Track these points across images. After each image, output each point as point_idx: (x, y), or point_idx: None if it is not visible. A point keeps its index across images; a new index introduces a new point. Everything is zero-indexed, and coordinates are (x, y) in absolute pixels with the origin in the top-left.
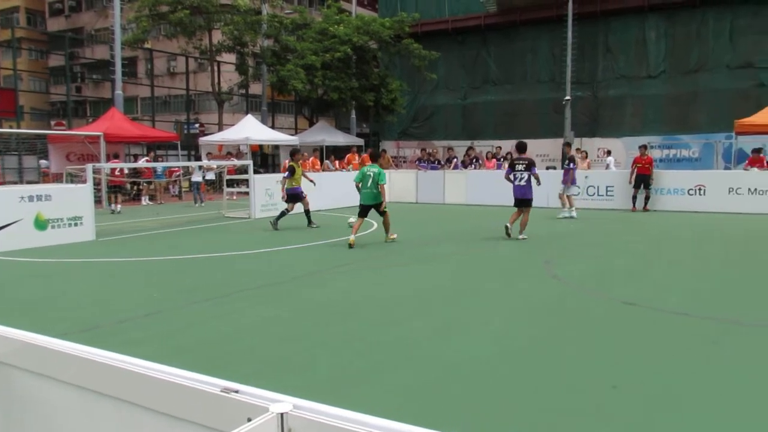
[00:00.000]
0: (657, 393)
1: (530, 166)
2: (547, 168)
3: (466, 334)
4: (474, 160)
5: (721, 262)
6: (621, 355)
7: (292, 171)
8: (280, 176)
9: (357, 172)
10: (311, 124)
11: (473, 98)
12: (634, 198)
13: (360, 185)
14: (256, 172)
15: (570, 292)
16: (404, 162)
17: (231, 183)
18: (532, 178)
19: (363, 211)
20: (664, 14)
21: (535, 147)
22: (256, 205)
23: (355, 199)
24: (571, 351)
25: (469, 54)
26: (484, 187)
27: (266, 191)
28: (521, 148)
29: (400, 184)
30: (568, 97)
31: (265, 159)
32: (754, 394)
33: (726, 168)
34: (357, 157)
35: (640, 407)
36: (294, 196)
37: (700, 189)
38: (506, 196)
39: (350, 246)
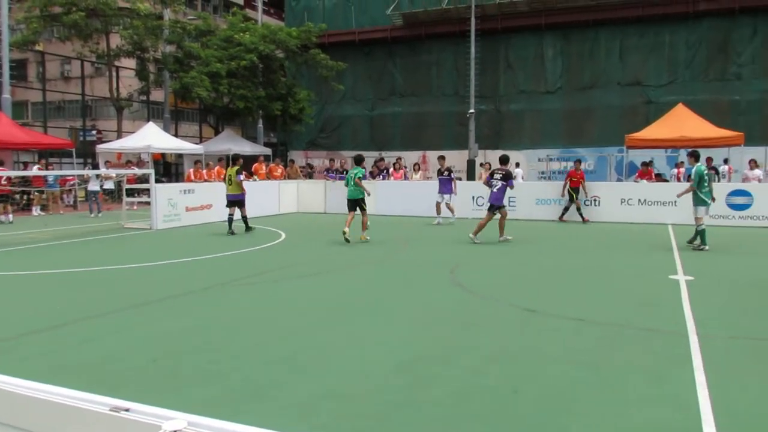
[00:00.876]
0: (556, 395)
1: (507, 177)
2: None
3: (365, 347)
4: (384, 171)
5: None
6: (522, 359)
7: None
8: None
9: (270, 181)
10: (217, 132)
11: (380, 109)
12: (565, 210)
13: (346, 185)
14: (158, 181)
15: (472, 300)
16: (312, 172)
17: (131, 192)
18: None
19: (350, 206)
20: (560, 33)
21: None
22: (158, 216)
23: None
24: (471, 358)
25: (375, 66)
26: (394, 197)
27: (169, 201)
28: (503, 160)
29: (309, 195)
30: (471, 111)
31: (168, 168)
32: (639, 390)
33: (618, 180)
34: (264, 167)
35: (541, 410)
36: (235, 201)
37: (595, 200)
38: (417, 207)
39: (344, 234)
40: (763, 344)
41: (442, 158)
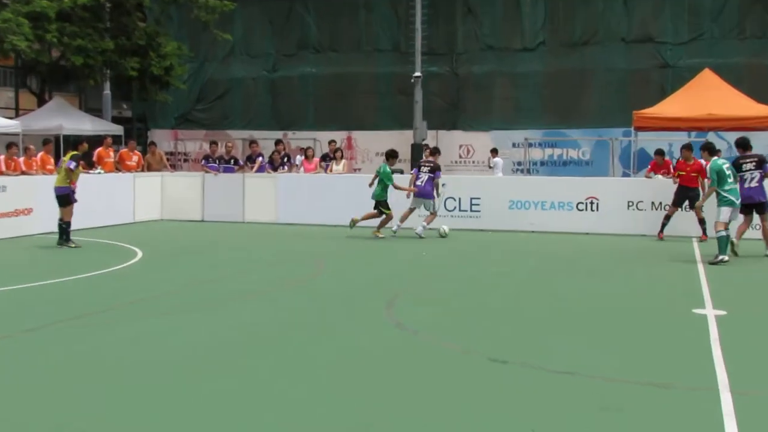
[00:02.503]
0: None
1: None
2: (393, 172)
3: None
4: (286, 159)
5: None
6: None
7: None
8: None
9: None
10: (41, 102)
11: (286, 70)
12: (666, 219)
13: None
14: None
15: (419, 347)
16: (185, 161)
17: None
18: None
19: (374, 207)
20: None
21: (373, 142)
22: None
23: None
24: None
25: (278, 8)
26: (304, 198)
27: None
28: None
29: (179, 194)
30: (418, 74)
31: None
32: None
33: (624, 174)
34: (112, 154)
35: None
36: (61, 197)
37: (592, 203)
38: (340, 212)
39: (352, 223)
40: None
41: (426, 147)
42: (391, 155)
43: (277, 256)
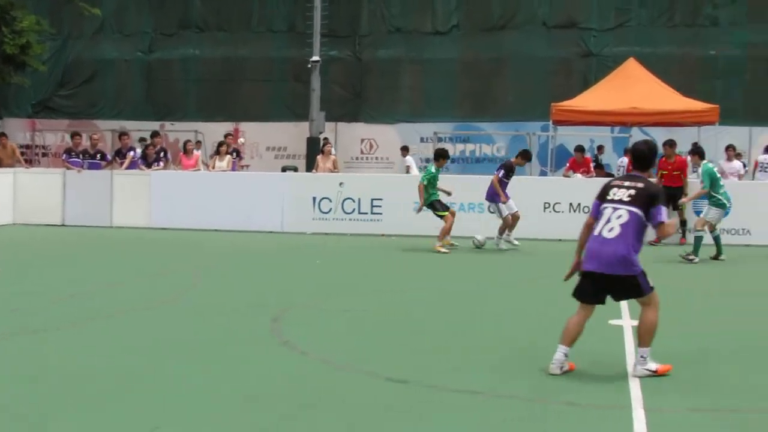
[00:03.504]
0: None
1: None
2: (285, 169)
3: None
4: (161, 154)
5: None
6: None
7: None
8: None
9: None
10: None
11: (164, 52)
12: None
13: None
14: None
15: (311, 369)
16: (44, 156)
17: None
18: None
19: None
20: None
21: (265, 134)
22: None
23: None
24: None
25: None
26: (183, 199)
27: None
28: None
29: (36, 194)
30: (316, 58)
31: None
32: None
33: (542, 173)
34: None
35: None
36: None
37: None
38: (223, 216)
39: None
40: (739, 418)
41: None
42: (441, 155)
43: (149, 267)
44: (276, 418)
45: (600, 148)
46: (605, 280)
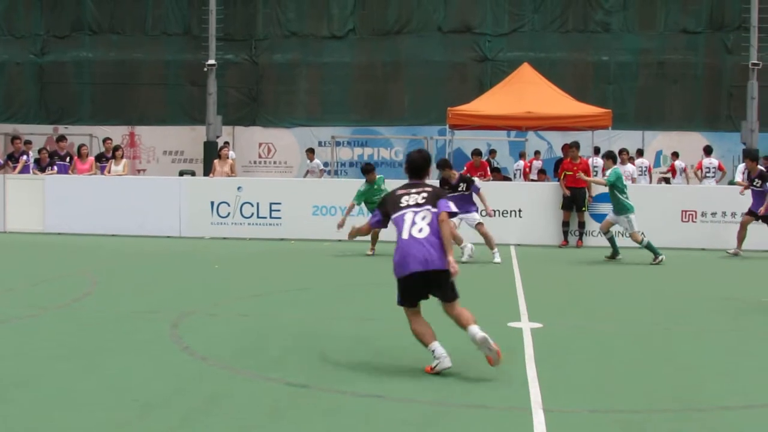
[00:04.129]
0: None
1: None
2: (182, 173)
3: None
4: (66, 159)
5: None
6: None
7: None
8: None
9: None
10: None
11: (57, 54)
12: (565, 225)
13: None
14: None
15: (211, 374)
16: None
17: None
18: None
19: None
20: None
21: (161, 138)
22: None
23: None
24: None
25: None
26: (79, 204)
27: None
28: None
29: None
30: (212, 62)
31: None
32: None
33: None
34: None
35: None
36: None
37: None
38: (119, 220)
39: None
40: (636, 418)
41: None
42: (366, 170)
43: (42, 272)
44: (177, 423)
45: (492, 152)
46: (425, 277)
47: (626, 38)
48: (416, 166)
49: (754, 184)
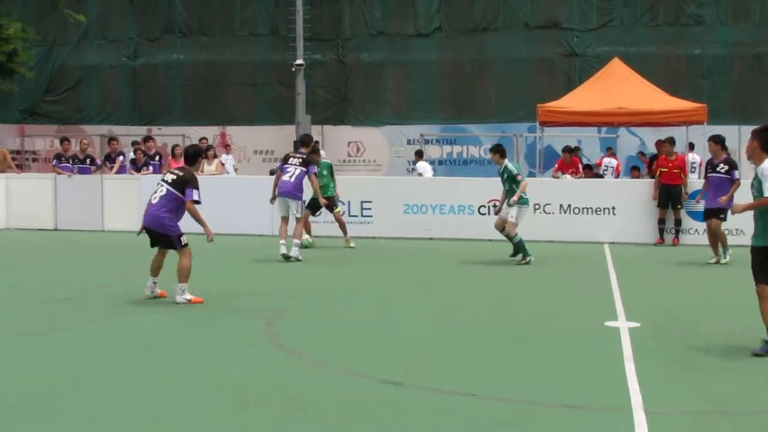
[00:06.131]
0: None
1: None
2: (272, 172)
3: None
4: (156, 158)
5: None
6: None
7: None
8: None
9: None
10: None
11: (149, 57)
12: (661, 222)
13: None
14: None
15: (307, 371)
16: (33, 161)
17: None
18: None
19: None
20: None
21: (251, 138)
22: None
23: None
24: None
25: None
26: None
27: None
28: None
29: (28, 199)
30: (299, 62)
31: None
32: None
33: (530, 174)
34: None
35: None
36: None
37: (494, 206)
38: (212, 219)
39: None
40: (745, 421)
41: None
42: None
43: (138, 270)
44: (274, 418)
45: (576, 149)
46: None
47: (720, 31)
48: (185, 155)
49: (718, 169)
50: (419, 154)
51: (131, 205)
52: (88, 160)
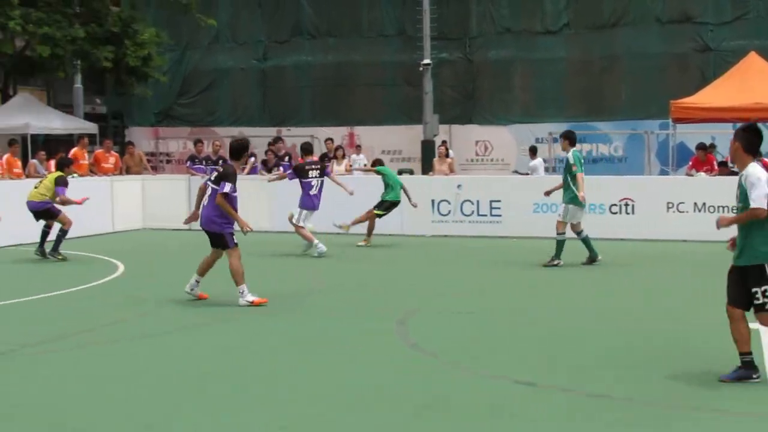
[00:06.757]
0: None
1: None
2: (401, 172)
3: None
4: (285, 159)
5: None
6: None
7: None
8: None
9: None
10: (5, 98)
11: (278, 59)
12: None
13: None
14: None
15: (439, 372)
16: (167, 162)
17: None
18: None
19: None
20: None
21: (379, 138)
22: None
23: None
24: None
25: None
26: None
27: None
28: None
29: (163, 200)
30: (427, 61)
31: None
32: None
33: (663, 172)
34: (87, 155)
35: None
36: (42, 212)
37: (626, 204)
38: (342, 218)
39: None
40: None
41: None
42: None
43: (269, 270)
44: (408, 418)
45: (712, 146)
46: None
47: None
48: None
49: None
50: (533, 151)
51: (262, 205)
52: (220, 161)
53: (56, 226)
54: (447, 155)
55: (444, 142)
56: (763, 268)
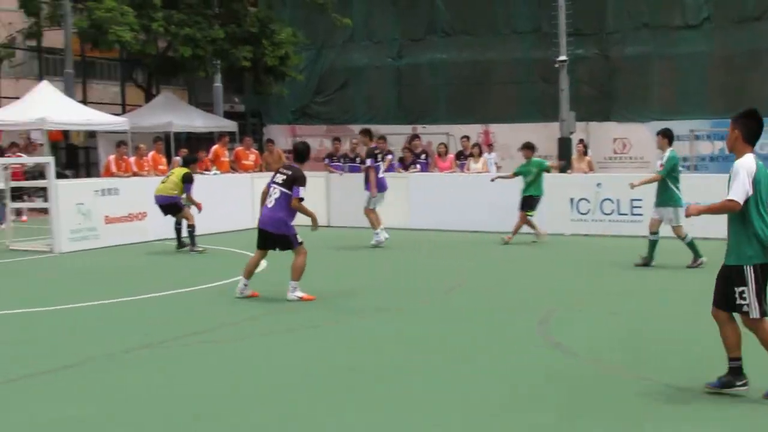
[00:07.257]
0: None
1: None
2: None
3: None
4: (421, 156)
5: None
6: None
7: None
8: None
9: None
10: (149, 97)
11: (413, 57)
12: None
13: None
14: (60, 175)
15: (583, 371)
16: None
17: (18, 194)
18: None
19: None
20: None
21: (515, 135)
22: (62, 231)
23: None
24: None
25: None
26: (438, 200)
27: (78, 208)
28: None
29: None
30: (563, 58)
31: (73, 154)
32: None
33: None
34: (227, 153)
35: None
36: (169, 206)
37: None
38: (479, 217)
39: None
40: None
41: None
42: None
43: (405, 268)
44: (552, 419)
45: None
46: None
47: None
48: (297, 152)
49: None
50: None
51: (401, 202)
52: (357, 159)
53: (184, 224)
54: (585, 153)
55: (581, 140)
56: (742, 269)
